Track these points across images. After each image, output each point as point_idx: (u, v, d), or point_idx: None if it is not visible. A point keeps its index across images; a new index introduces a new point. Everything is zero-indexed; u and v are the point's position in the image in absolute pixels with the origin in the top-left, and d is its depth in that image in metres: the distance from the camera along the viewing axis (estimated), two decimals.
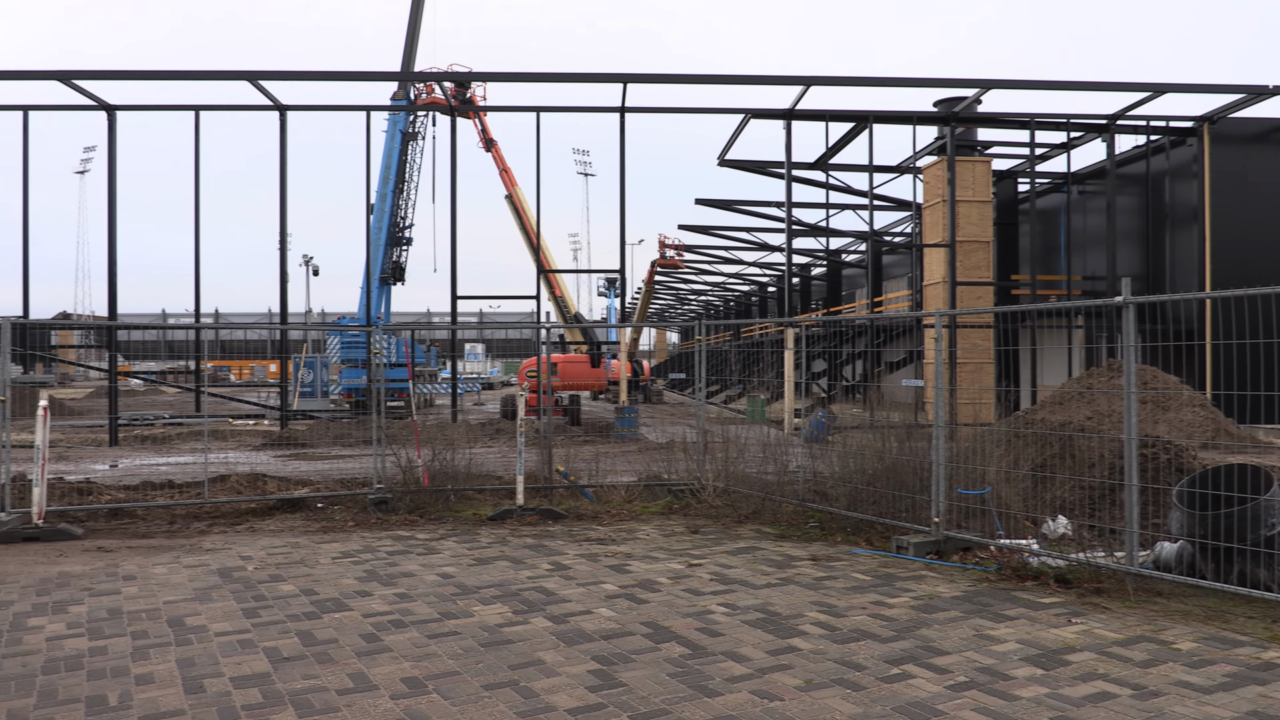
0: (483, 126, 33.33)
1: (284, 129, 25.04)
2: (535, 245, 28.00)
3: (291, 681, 5.54)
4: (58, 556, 9.16)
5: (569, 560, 8.84)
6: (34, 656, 6.04)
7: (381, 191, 32.90)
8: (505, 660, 5.90)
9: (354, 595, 7.54)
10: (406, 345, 28.23)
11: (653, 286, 50.69)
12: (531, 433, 13.44)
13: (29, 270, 25.56)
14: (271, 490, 12.52)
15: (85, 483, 12.88)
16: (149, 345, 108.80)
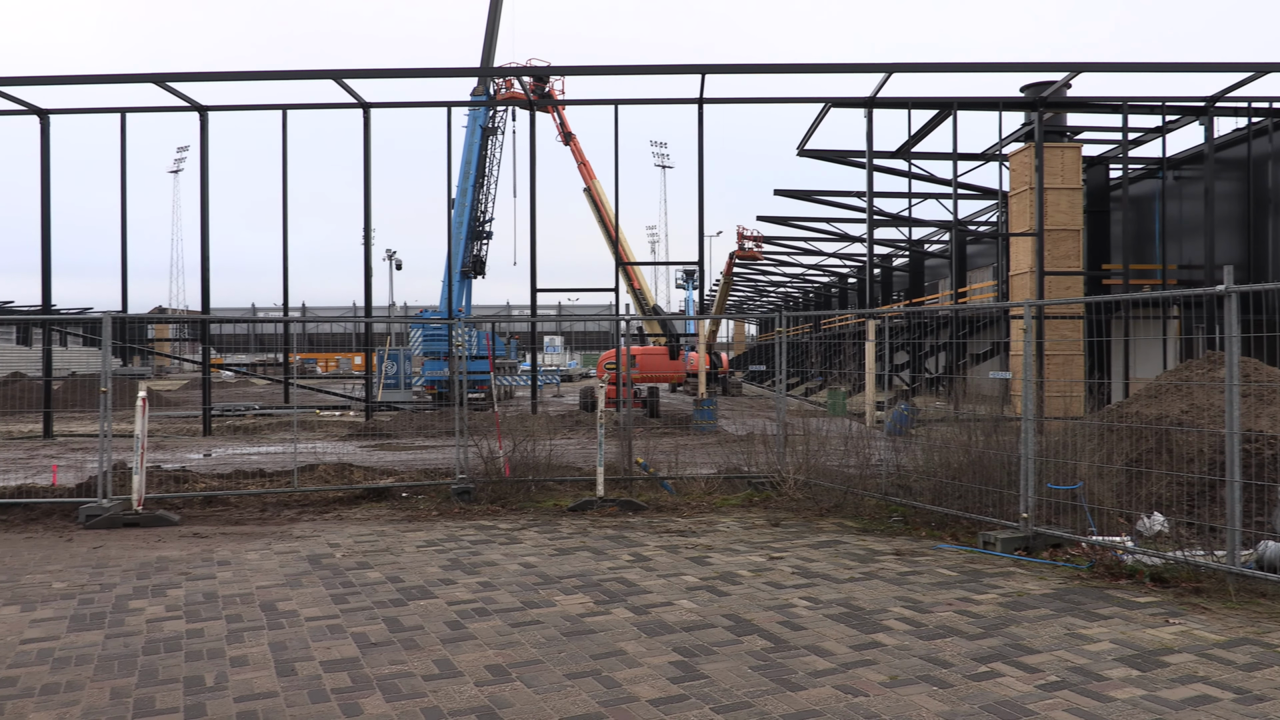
0: (561, 120, 33.53)
1: (368, 126, 25.53)
2: (614, 238, 28.08)
3: (379, 666, 5.65)
4: (156, 542, 9.49)
5: (649, 552, 8.85)
6: (135, 637, 6.26)
7: (462, 186, 33.33)
8: (587, 650, 5.93)
9: (438, 583, 7.66)
10: (487, 338, 28.58)
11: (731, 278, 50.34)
12: (611, 425, 13.49)
13: (127, 267, 26.56)
14: (358, 480, 12.80)
15: (181, 471, 13.32)
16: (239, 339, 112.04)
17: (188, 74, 23.71)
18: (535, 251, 25.70)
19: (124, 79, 24.23)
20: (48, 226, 25.41)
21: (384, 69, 24.52)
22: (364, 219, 26.24)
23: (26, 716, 4.91)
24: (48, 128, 25.26)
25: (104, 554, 8.91)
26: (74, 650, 6.00)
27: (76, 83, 24.37)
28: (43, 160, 25.27)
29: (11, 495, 11.57)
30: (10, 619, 6.71)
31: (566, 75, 30.78)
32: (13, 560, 8.66)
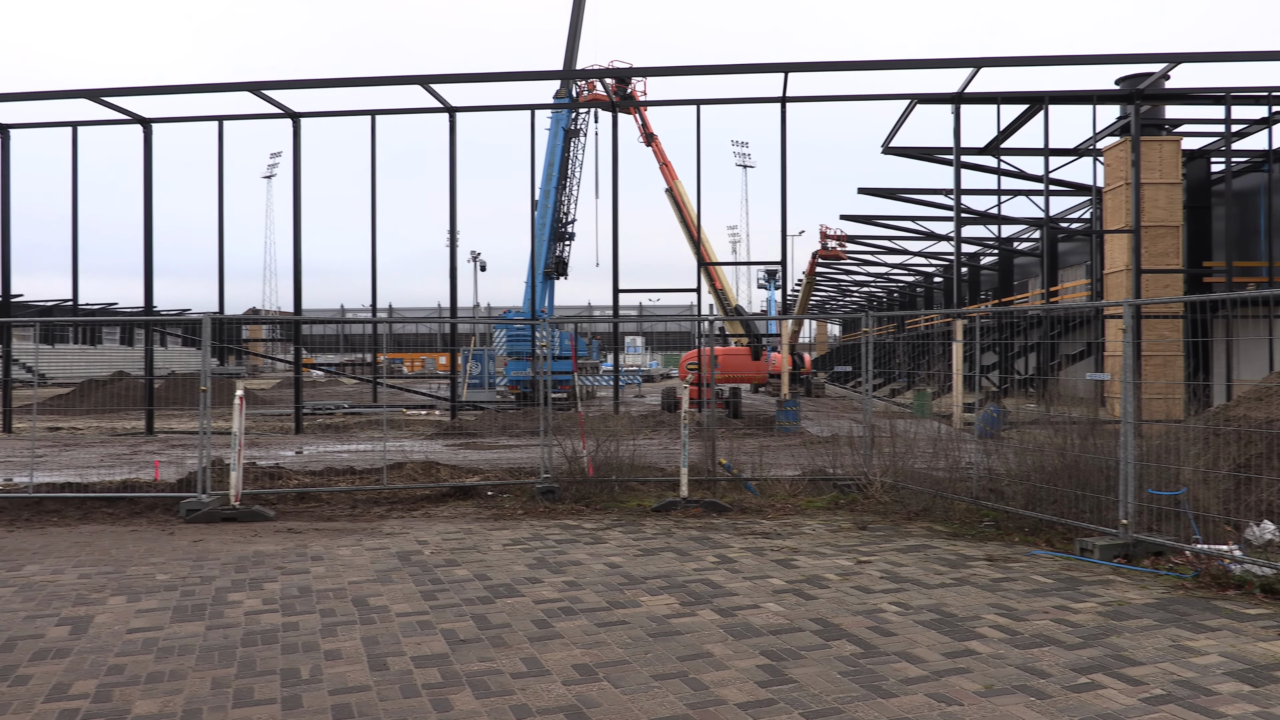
0: (643, 121, 33.58)
1: (453, 130, 25.93)
2: (696, 238, 28.02)
3: (468, 663, 5.71)
4: (252, 536, 9.76)
5: (734, 553, 8.79)
6: (234, 629, 6.45)
7: (545, 188, 33.61)
8: (674, 651, 5.91)
9: (525, 581, 7.72)
10: (571, 338, 28.77)
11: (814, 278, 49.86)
12: (693, 425, 13.44)
13: (224, 270, 27.42)
14: (444, 478, 12.99)
15: (275, 468, 13.70)
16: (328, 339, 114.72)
17: (281, 82, 24.38)
18: (617, 252, 25.80)
19: (221, 88, 25.01)
20: (150, 231, 26.39)
21: (469, 74, 24.90)
22: (449, 221, 26.67)
23: (133, 704, 5.09)
24: (150, 136, 26.24)
25: (204, 547, 9.20)
26: (177, 640, 6.20)
27: (177, 92, 25.26)
28: (145, 167, 26.25)
29: (117, 490, 12.03)
30: (118, 609, 6.97)
31: (648, 76, 30.80)
32: (119, 552, 9.00)
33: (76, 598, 7.29)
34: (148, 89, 24.87)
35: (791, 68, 23.28)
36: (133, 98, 25.08)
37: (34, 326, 53.50)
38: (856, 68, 24.00)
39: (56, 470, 15.54)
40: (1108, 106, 25.96)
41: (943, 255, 49.44)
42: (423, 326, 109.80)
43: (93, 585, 7.69)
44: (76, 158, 26.75)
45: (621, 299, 26.06)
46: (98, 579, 7.90)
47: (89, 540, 9.64)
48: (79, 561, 8.59)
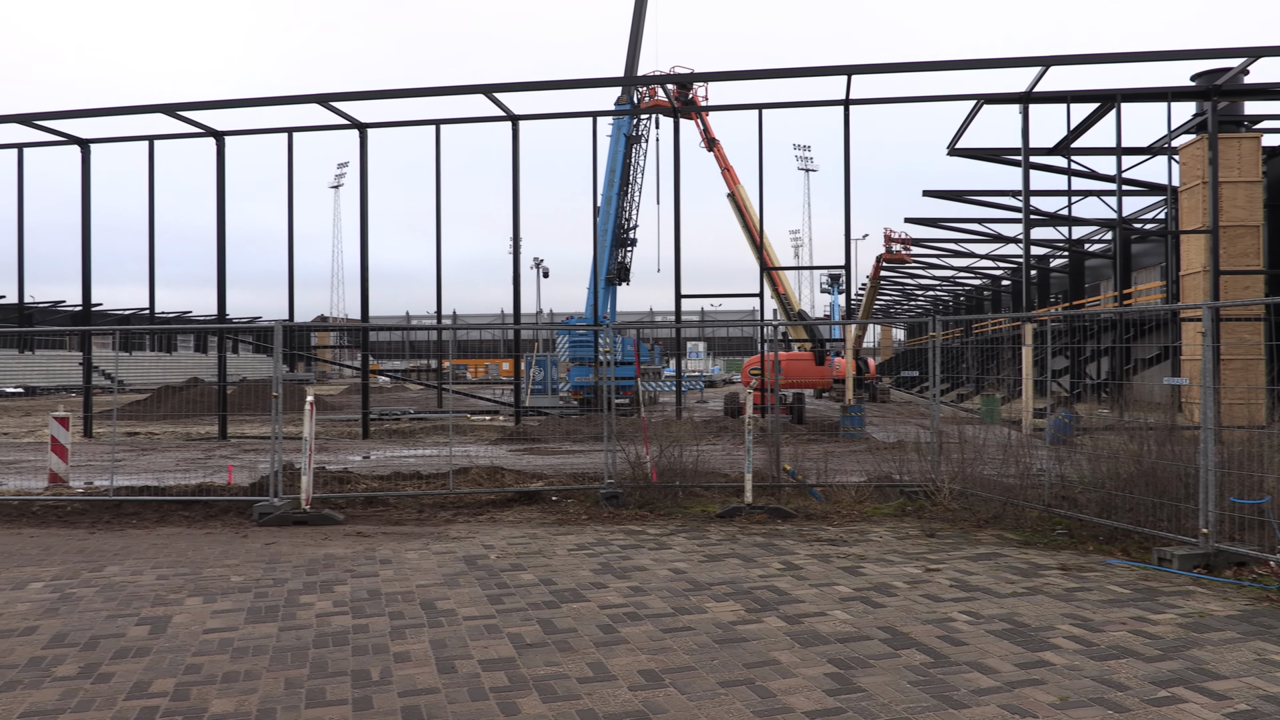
0: (705, 126, 33.56)
1: (516, 138, 26.18)
2: (758, 243, 27.90)
3: (535, 667, 5.73)
4: (323, 539, 9.94)
5: (800, 560, 8.71)
6: (306, 631, 6.56)
7: (606, 194, 33.78)
8: (740, 658, 5.87)
9: (590, 586, 7.74)
10: (634, 344, 28.84)
11: (878, 282, 49.38)
12: (757, 431, 13.37)
13: (294, 278, 28.00)
14: (509, 483, 13.09)
15: (344, 472, 13.93)
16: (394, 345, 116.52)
17: (348, 94, 24.85)
18: (679, 257, 25.79)
19: (290, 100, 25.56)
20: (223, 241, 27.07)
21: (531, 82, 25.10)
22: (513, 228, 26.92)
23: (210, 702, 5.20)
24: (223, 148, 26.93)
25: (276, 550, 9.38)
26: (251, 641, 6.32)
27: (248, 105, 25.86)
28: (218, 179, 26.95)
29: (193, 493, 12.34)
30: (194, 609, 7.14)
31: (710, 81, 30.80)
32: (195, 554, 9.22)
33: (155, 598, 7.49)
34: (220, 103, 25.52)
35: (855, 70, 23.08)
36: (206, 111, 25.76)
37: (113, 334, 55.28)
38: (921, 69, 23.72)
39: (135, 474, 16.00)
40: (1183, 103, 25.29)
41: (1011, 258, 48.55)
42: (486, 333, 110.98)
43: (170, 586, 7.89)
44: (153, 170, 27.55)
45: (683, 304, 26.05)
46: (175, 580, 8.11)
47: (166, 542, 9.90)
48: (157, 563, 8.83)
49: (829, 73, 23.75)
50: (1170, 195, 27.57)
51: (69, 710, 5.12)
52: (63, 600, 7.45)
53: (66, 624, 6.76)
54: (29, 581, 8.10)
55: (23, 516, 11.59)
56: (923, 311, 77.09)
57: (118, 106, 26.17)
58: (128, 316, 72.68)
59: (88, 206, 27.46)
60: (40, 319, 70.95)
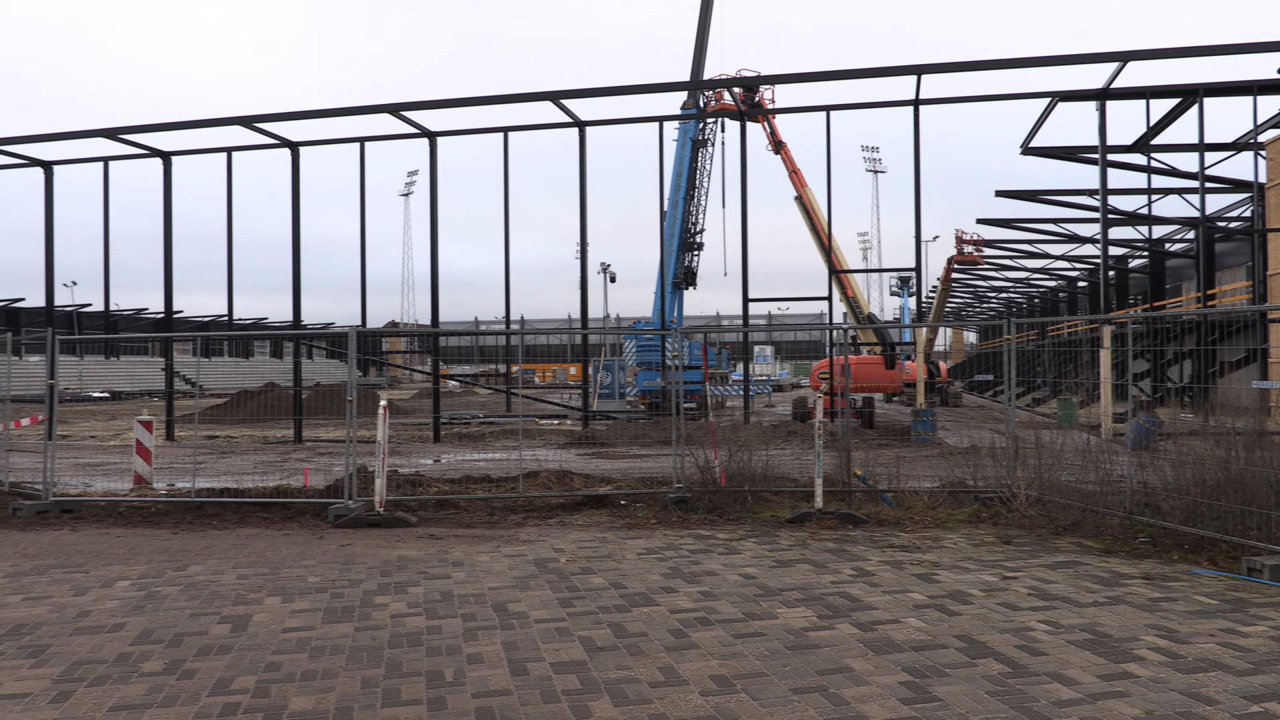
0: (771, 129, 33.41)
1: (583, 143, 26.32)
2: (826, 246, 27.66)
3: (606, 671, 5.74)
4: (396, 541, 10.09)
5: (872, 566, 8.59)
6: (381, 631, 6.66)
7: (673, 199, 33.79)
8: (812, 665, 5.81)
9: (660, 591, 7.73)
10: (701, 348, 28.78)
11: (949, 284, 48.59)
12: (826, 435, 13.25)
13: (366, 285, 28.50)
14: (578, 486, 13.14)
15: (416, 475, 14.12)
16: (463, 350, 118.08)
17: (418, 103, 25.24)
18: (746, 261, 25.67)
19: (362, 110, 26.05)
20: (298, 249, 27.68)
21: (597, 88, 25.20)
22: (580, 233, 27.06)
23: (289, 700, 5.31)
24: (297, 159, 27.54)
25: (351, 551, 9.55)
26: (328, 640, 6.44)
27: (321, 116, 26.37)
28: (293, 188, 27.57)
29: (270, 495, 12.63)
30: (273, 609, 7.30)
31: (776, 84, 30.65)
32: (273, 555, 9.43)
33: (236, 597, 7.67)
34: (295, 114, 26.08)
35: (925, 69, 22.76)
36: (281, 123, 26.37)
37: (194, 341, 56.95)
38: (993, 66, 23.28)
39: (215, 476, 16.42)
40: (1270, 97, 24.42)
41: (1087, 259, 47.41)
42: (554, 337, 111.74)
43: (250, 586, 8.07)
44: (231, 181, 28.30)
45: (750, 308, 25.92)
46: (255, 580, 8.30)
47: (246, 543, 10.14)
48: (237, 563, 9.05)
49: (898, 73, 23.44)
50: (1256, 192, 26.67)
51: (155, 705, 5.27)
52: (149, 598, 7.67)
53: (153, 621, 6.96)
54: (117, 580, 8.36)
55: (110, 517, 11.98)
56: (995, 314, 75.64)
57: (196, 120, 26.96)
58: (207, 323, 74.76)
59: (169, 217, 28.30)
60: (124, 326, 73.35)
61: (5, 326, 56.02)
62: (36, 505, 12.08)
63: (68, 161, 29.63)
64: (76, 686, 5.58)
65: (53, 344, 12.99)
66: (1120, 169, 28.31)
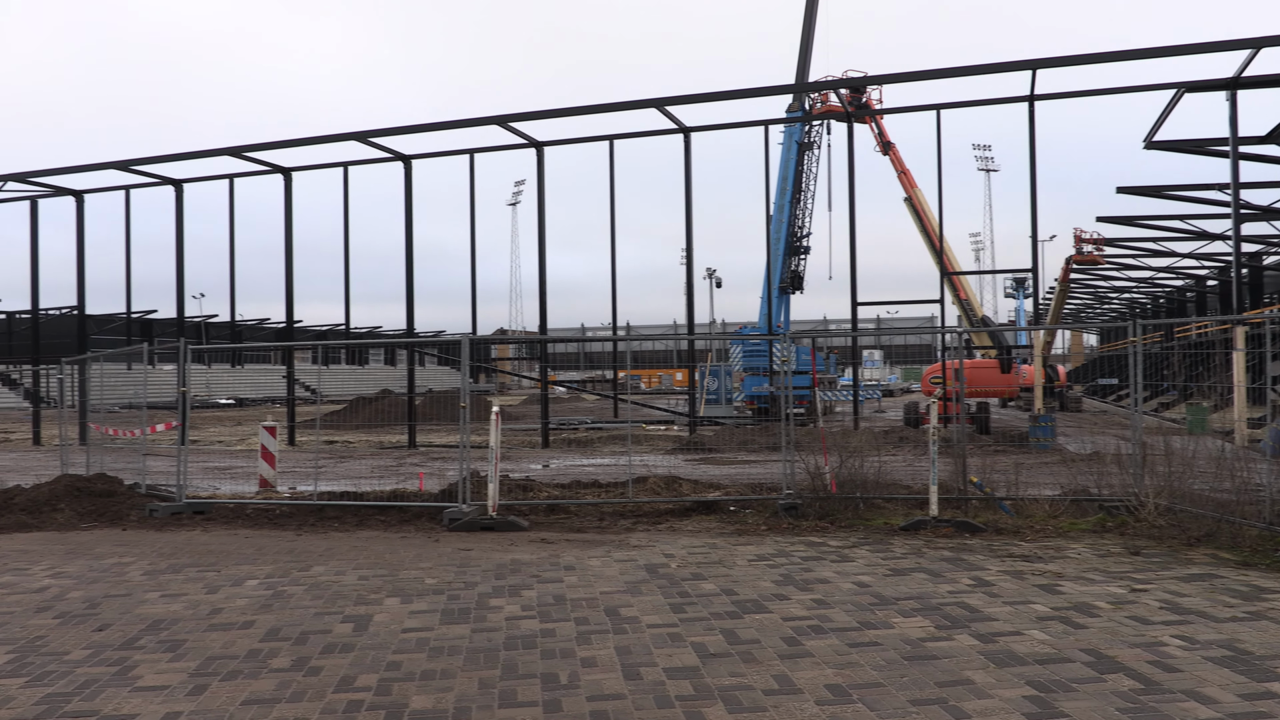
0: (879, 130, 32.86)
1: (688, 149, 26.34)
2: (937, 247, 27.06)
3: (719, 677, 5.71)
4: (509, 545, 10.25)
5: (991, 576, 8.34)
6: (496, 634, 6.77)
7: (779, 203, 33.50)
8: (931, 676, 5.67)
9: (772, 598, 7.66)
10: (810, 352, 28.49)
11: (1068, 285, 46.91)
12: (940, 441, 12.93)
13: (476, 293, 29.09)
14: (686, 492, 13.14)
15: (526, 480, 14.33)
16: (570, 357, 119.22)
17: (525, 114, 25.67)
18: (855, 264, 25.29)
19: (471, 123, 26.64)
20: (410, 259, 28.46)
21: (702, 94, 25.17)
22: (685, 239, 27.08)
23: (410, 699, 5.44)
24: (410, 171, 28.32)
25: (466, 555, 9.74)
26: (445, 641, 6.58)
27: (431, 130, 27.10)
28: (406, 200, 28.36)
29: (387, 499, 12.98)
30: (393, 609, 7.50)
31: (884, 84, 30.11)
32: (392, 557, 9.69)
33: (357, 597, 7.91)
34: (407, 128, 26.83)
35: (1040, 64, 22.08)
36: (394, 137, 27.15)
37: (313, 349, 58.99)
38: (1113, 58, 22.44)
39: (334, 480, 16.98)
40: None
41: (1218, 256, 45.18)
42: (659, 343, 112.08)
43: (370, 586, 8.31)
44: (347, 194, 29.27)
45: (859, 312, 25.53)
46: (374, 581, 8.54)
47: (365, 545, 10.45)
48: (358, 564, 9.33)
49: (1012, 68, 22.78)
50: None
51: (284, 700, 5.46)
52: (275, 597, 7.97)
53: (279, 619, 7.23)
54: (246, 579, 8.71)
55: (238, 518, 12.50)
56: (1118, 315, 72.77)
57: (315, 136, 27.98)
58: (325, 332, 77.43)
59: (290, 230, 29.45)
60: (248, 336, 76.53)
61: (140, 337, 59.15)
62: (171, 506, 12.68)
63: (196, 179, 31.13)
64: (211, 680, 5.83)
65: (185, 354, 13.63)
66: (1253, 161, 26.89)
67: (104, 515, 12.60)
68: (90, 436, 18.51)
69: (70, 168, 30.26)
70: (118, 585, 8.55)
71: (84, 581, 8.73)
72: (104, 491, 13.38)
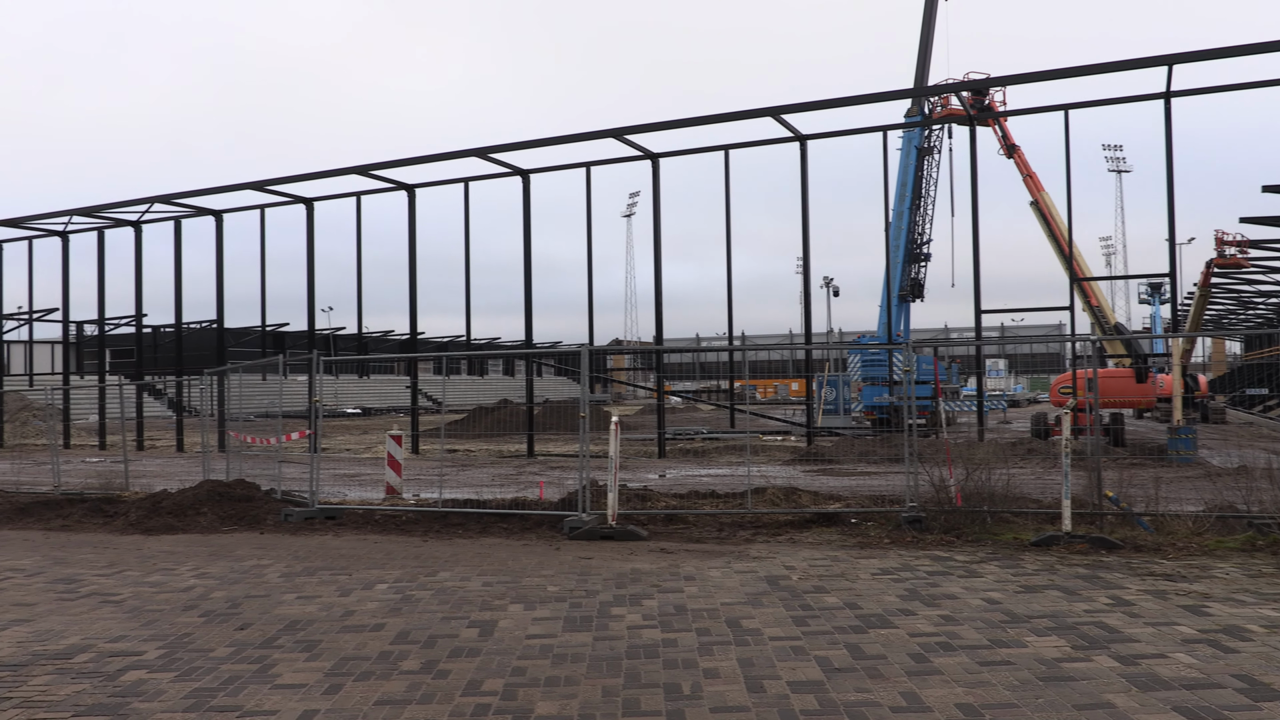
0: (1003, 132, 31.95)
1: (804, 157, 26.08)
2: (1066, 252, 26.11)
3: (844, 693, 5.61)
4: (629, 554, 10.29)
5: (1131, 596, 7.96)
6: (618, 642, 6.80)
7: (898, 209, 32.89)
8: (1068, 698, 5.44)
9: (897, 613, 7.48)
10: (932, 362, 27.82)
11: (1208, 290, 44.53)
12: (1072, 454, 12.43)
13: (593, 304, 29.39)
14: (805, 503, 12.96)
15: (644, 490, 14.38)
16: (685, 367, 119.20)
17: (641, 126, 25.86)
18: (979, 271, 24.59)
19: (588, 136, 26.95)
20: (529, 272, 28.95)
21: (818, 101, 24.92)
22: (802, 247, 26.79)
23: (535, 704, 5.51)
24: (529, 185, 28.84)
25: (587, 563, 9.83)
26: (569, 649, 6.64)
27: (549, 144, 27.51)
28: (525, 214, 28.89)
29: (508, 507, 13.21)
30: (516, 616, 7.61)
31: (1007, 85, 29.22)
32: (514, 564, 9.85)
33: (482, 603, 8.06)
34: (525, 143, 27.32)
35: (1177, 59, 21.11)
36: (512, 152, 27.70)
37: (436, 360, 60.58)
38: (1257, 50, 21.25)
39: (457, 488, 17.36)
40: None
41: None
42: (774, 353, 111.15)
43: (494, 593, 8.46)
44: (468, 209, 30.00)
45: (983, 319, 24.79)
46: (498, 587, 8.69)
47: (488, 552, 10.65)
48: (481, 570, 9.51)
49: (1146, 65, 21.84)
50: None
51: (414, 701, 5.60)
52: (404, 601, 8.19)
53: (408, 623, 7.43)
54: (376, 583, 8.99)
55: (367, 524, 12.90)
56: (1264, 321, 68.77)
57: (437, 154, 28.76)
58: (446, 343, 79.42)
59: (414, 244, 30.32)
60: (373, 347, 79.12)
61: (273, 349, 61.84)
62: (304, 512, 13.19)
63: (325, 198, 32.37)
64: (345, 680, 6.03)
65: (317, 365, 14.16)
66: None
67: (243, 519, 13.19)
68: (229, 444, 19.43)
69: (210, 189, 31.88)
70: (257, 586, 8.93)
71: (226, 582, 9.15)
72: (243, 496, 14.02)
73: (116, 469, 18.96)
